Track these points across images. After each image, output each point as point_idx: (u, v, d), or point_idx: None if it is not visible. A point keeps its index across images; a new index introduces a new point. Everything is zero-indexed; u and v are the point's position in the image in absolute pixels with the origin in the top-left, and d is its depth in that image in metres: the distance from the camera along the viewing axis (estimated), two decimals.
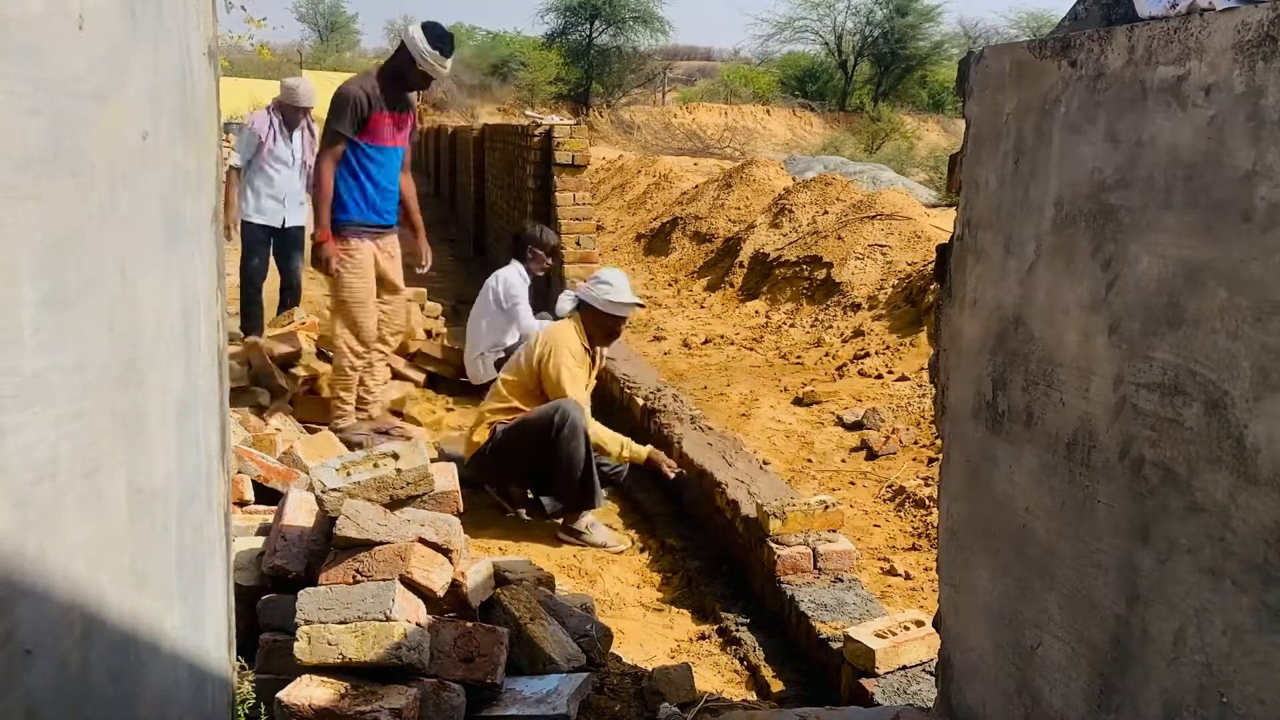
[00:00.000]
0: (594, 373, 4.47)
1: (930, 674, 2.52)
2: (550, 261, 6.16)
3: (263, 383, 5.05)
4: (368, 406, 4.98)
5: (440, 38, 4.61)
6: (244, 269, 6.42)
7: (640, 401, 4.96)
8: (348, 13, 45.98)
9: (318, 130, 6.01)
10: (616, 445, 4.14)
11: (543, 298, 6.22)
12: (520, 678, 2.41)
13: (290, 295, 6.69)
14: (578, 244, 6.78)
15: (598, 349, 4.46)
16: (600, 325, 4.32)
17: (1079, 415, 1.51)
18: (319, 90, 6.54)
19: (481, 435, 4.25)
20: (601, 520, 4.26)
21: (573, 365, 4.18)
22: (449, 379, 6.13)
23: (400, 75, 4.69)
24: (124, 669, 1.45)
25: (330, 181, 4.60)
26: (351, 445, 4.31)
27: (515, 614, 2.55)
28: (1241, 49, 1.20)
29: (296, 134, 6.46)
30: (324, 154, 4.67)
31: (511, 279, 5.80)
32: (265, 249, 6.50)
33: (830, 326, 7.37)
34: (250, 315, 6.42)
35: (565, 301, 4.42)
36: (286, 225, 6.49)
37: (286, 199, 6.44)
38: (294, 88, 6.42)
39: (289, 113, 6.41)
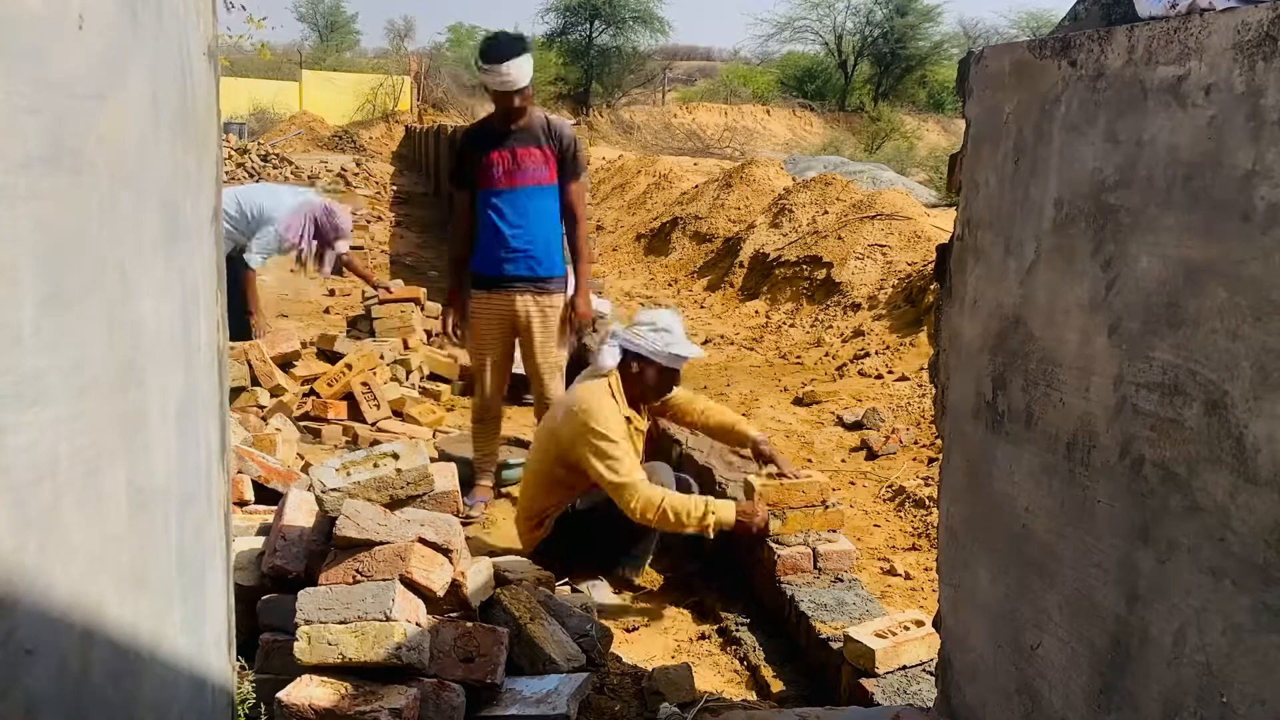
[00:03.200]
0: (641, 439, 3.65)
1: (930, 674, 2.52)
2: None
3: (262, 383, 5.05)
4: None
5: (483, 50, 4.09)
6: None
7: None
8: (348, 13, 45.99)
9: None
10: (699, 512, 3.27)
11: None
12: (520, 678, 2.41)
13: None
14: None
15: (644, 407, 3.67)
16: (655, 380, 3.57)
17: (1079, 415, 1.51)
18: (319, 91, 6.42)
19: (536, 532, 3.61)
20: None
21: (616, 450, 3.34)
22: (448, 379, 6.13)
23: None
24: (124, 669, 1.45)
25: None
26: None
27: (515, 614, 2.55)
28: (1241, 49, 1.20)
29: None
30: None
31: None
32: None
33: (830, 326, 7.37)
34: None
35: (609, 355, 3.55)
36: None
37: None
38: (348, 231, 6.04)
39: (326, 240, 5.96)
